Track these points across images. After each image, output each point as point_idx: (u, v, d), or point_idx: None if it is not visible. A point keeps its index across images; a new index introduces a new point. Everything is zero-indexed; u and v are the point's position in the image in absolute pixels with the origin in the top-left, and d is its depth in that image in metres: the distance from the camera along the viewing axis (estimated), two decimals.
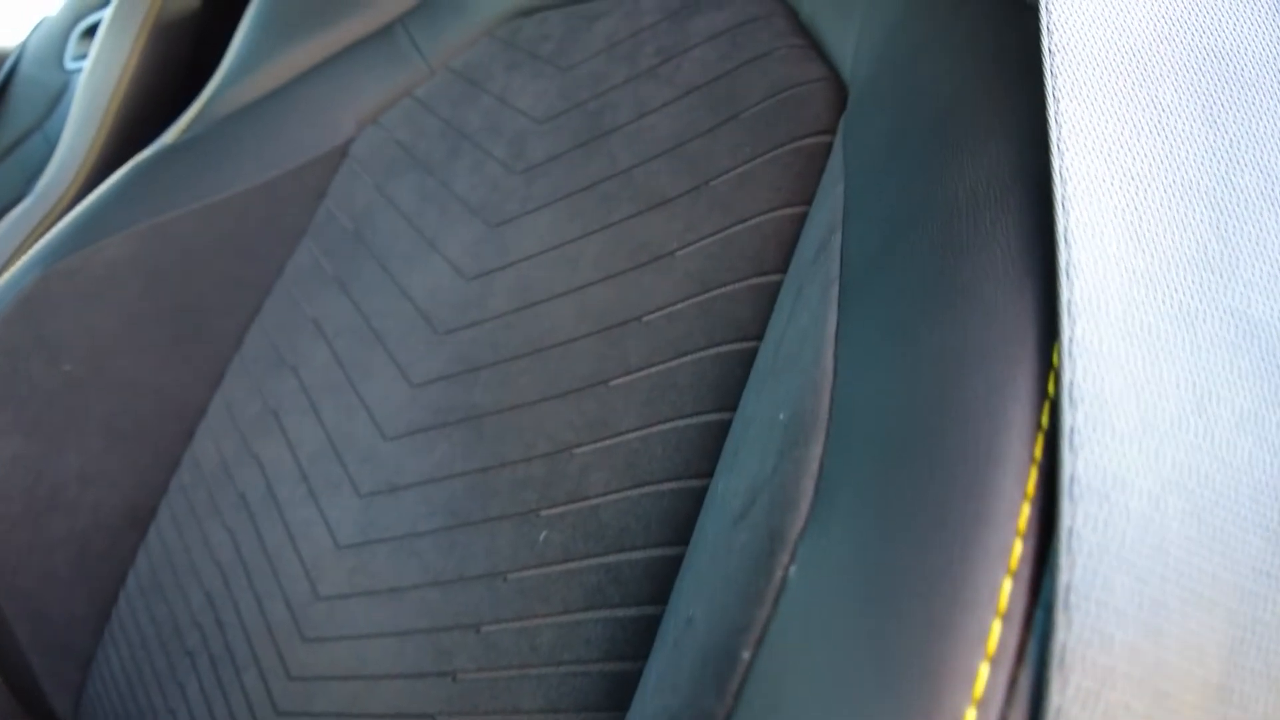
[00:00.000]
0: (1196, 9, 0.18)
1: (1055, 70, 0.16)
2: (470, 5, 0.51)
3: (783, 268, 0.31)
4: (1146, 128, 0.16)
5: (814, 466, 0.16)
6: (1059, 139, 0.15)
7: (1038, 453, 0.13)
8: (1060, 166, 0.15)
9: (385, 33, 0.54)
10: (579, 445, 0.32)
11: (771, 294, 0.31)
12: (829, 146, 0.32)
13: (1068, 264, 0.14)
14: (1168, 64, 0.17)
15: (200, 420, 0.50)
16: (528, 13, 0.49)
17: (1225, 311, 0.14)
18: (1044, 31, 0.17)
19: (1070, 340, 0.13)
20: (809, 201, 0.32)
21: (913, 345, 0.15)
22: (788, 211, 0.32)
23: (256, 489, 0.44)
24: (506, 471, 0.34)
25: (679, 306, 0.33)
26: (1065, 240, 0.14)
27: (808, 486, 0.16)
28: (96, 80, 0.72)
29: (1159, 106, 0.16)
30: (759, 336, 0.30)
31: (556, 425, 0.34)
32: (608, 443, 0.32)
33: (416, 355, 0.40)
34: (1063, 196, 0.14)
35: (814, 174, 0.32)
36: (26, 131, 0.99)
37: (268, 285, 0.51)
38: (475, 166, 0.44)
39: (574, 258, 0.37)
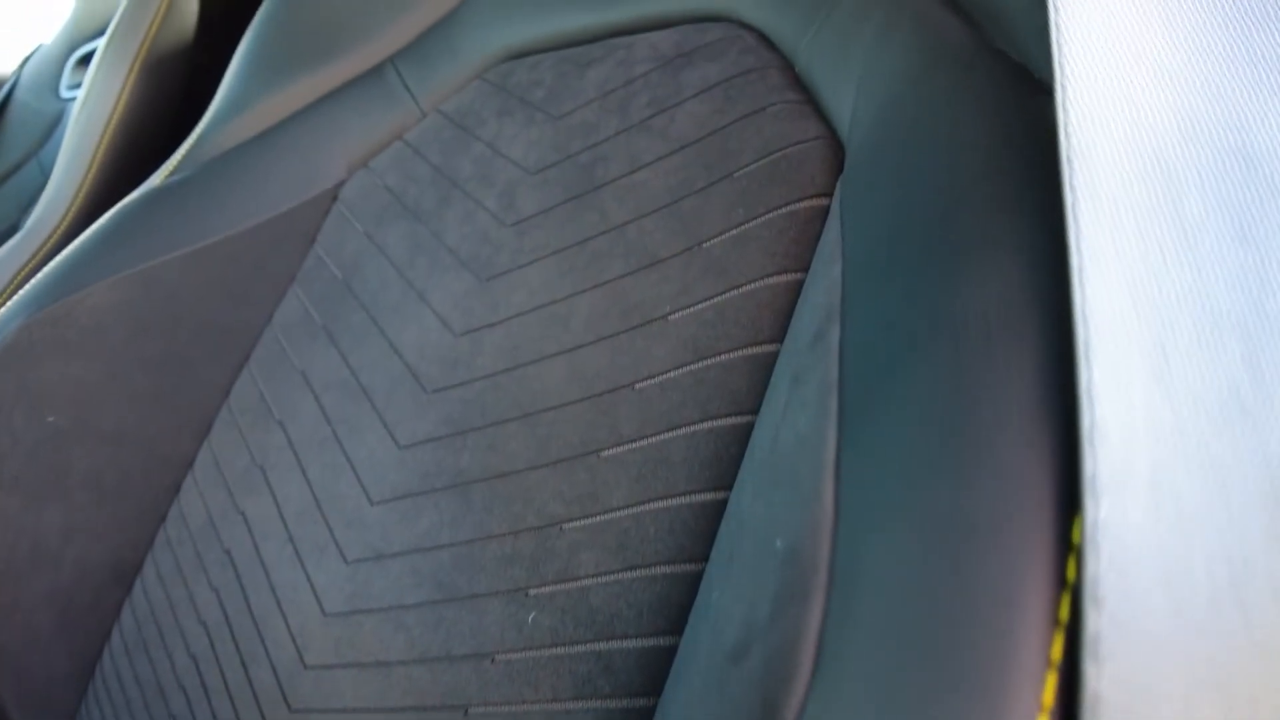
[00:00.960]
0: (1221, 106, 0.17)
1: (1074, 185, 0.15)
2: (462, 47, 0.50)
3: (778, 337, 0.30)
4: (1173, 248, 0.15)
5: (813, 632, 0.15)
6: (1080, 269, 0.14)
7: (1055, 654, 0.12)
8: (1082, 304, 0.14)
9: (376, 73, 0.53)
10: (569, 520, 0.31)
11: (767, 366, 0.30)
12: (825, 210, 0.31)
13: (1091, 429, 0.12)
14: (1193, 169, 0.16)
15: (187, 473, 0.49)
16: (519, 55, 0.49)
17: (1260, 463, 0.13)
18: (1062, 135, 0.16)
19: (1094, 524, 0.12)
20: (804, 268, 0.31)
21: (922, 503, 0.14)
22: (783, 279, 0.31)
23: (243, 547, 0.43)
24: (494, 545, 0.33)
25: (672, 375, 0.32)
26: (1089, 398, 0.13)
27: (806, 656, 0.15)
28: (88, 115, 0.71)
29: (1185, 222, 0.15)
30: (754, 410, 0.29)
31: (545, 497, 0.32)
32: (598, 519, 0.30)
33: (404, 414, 0.39)
34: (1085, 344, 0.13)
35: (809, 239, 0.31)
36: (21, 160, 0.99)
37: (256, 332, 0.50)
38: (466, 216, 0.43)
39: (565, 316, 0.36)
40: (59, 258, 0.51)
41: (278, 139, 0.53)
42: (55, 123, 0.97)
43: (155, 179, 0.54)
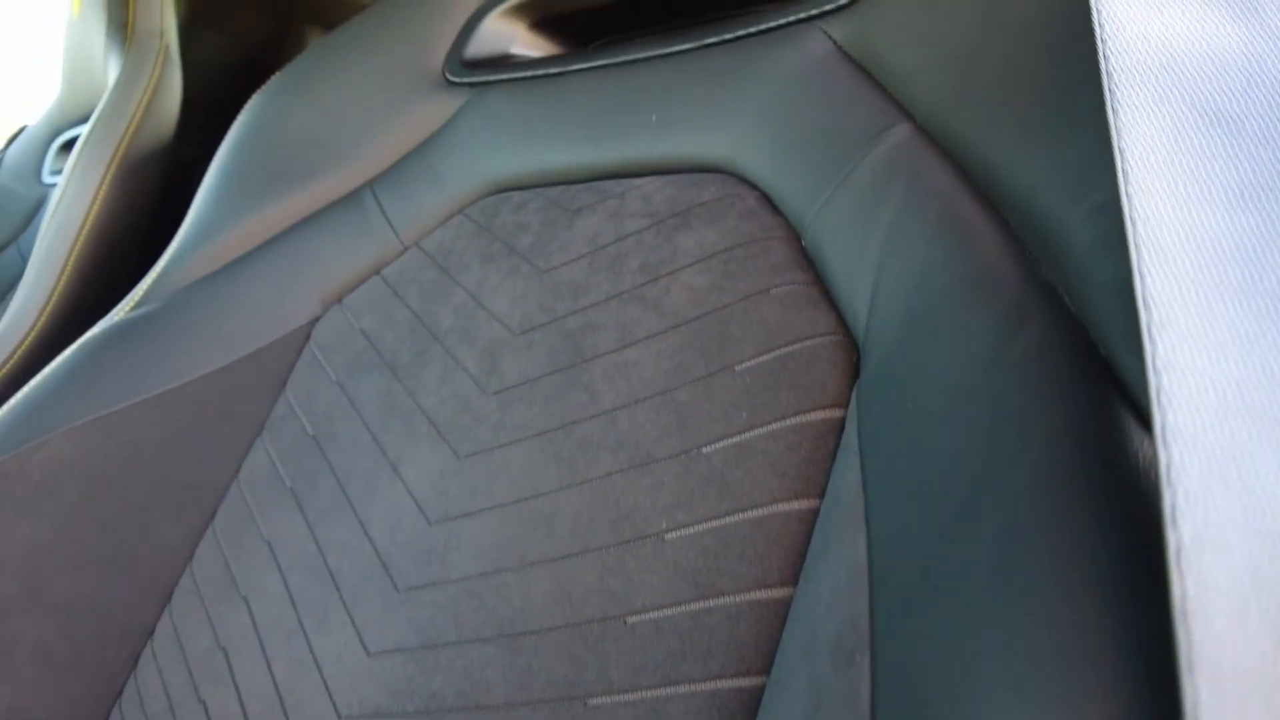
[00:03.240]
0: None
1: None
2: (444, 176, 0.47)
3: (790, 579, 0.26)
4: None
5: None
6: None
7: None
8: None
9: (354, 199, 0.50)
10: None
11: (778, 616, 0.26)
12: (839, 424, 0.28)
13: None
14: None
15: (146, 642, 0.45)
16: (503, 190, 0.45)
17: None
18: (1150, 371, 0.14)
19: None
20: (818, 494, 0.27)
21: None
22: (795, 507, 0.27)
23: None
24: None
25: (669, 613, 0.28)
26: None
27: None
28: (60, 219, 0.68)
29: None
30: (763, 671, 0.25)
31: None
32: None
33: (373, 613, 0.36)
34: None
35: (823, 459, 0.27)
36: (1, 246, 0.96)
37: (221, 488, 0.46)
38: (445, 376, 0.40)
39: (548, 516, 0.32)
40: (11, 402, 0.47)
41: (248, 270, 0.50)
42: (36, 208, 0.95)
43: (117, 312, 0.51)
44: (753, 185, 0.36)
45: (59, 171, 0.94)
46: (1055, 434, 0.18)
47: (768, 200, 0.35)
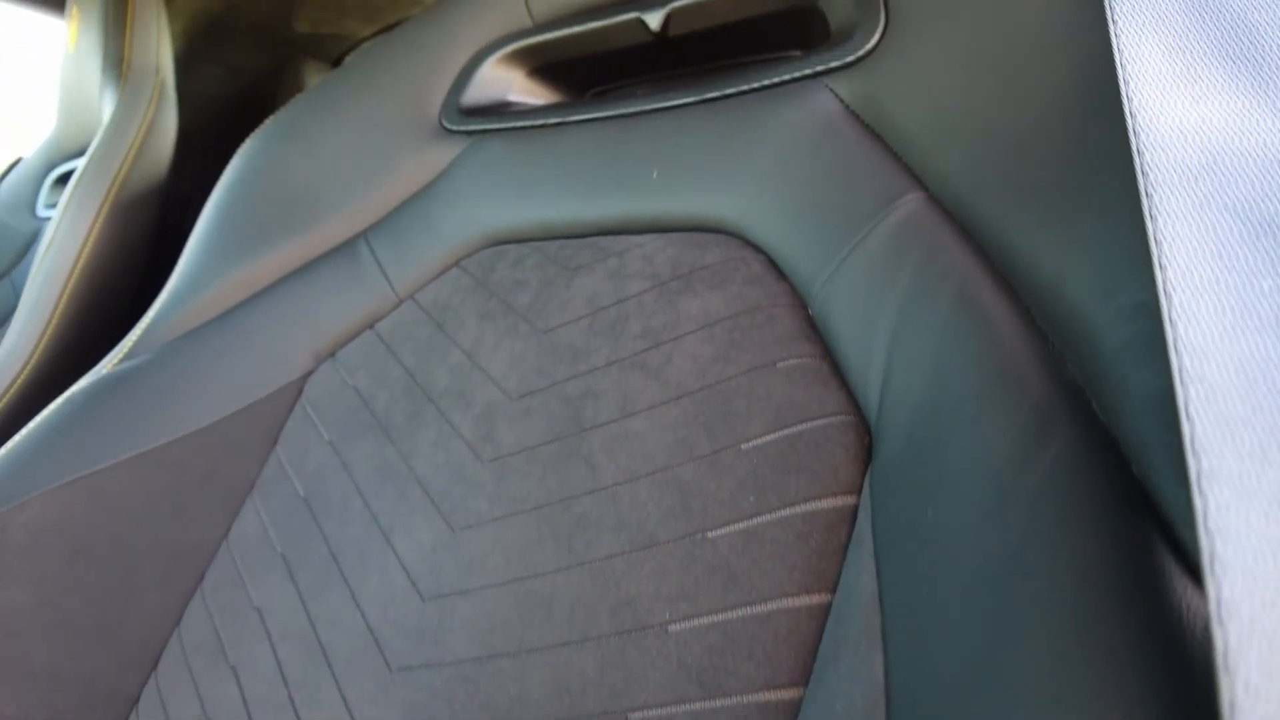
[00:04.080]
0: None
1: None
2: (440, 226, 0.46)
3: (800, 680, 0.25)
4: None
5: None
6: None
7: None
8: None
9: (348, 249, 0.49)
10: None
11: (788, 718, 0.24)
12: (852, 513, 0.27)
13: None
14: None
15: (130, 713, 0.43)
16: (500, 243, 0.44)
17: None
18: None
19: None
20: (830, 589, 0.26)
21: None
22: (805, 602, 0.26)
23: None
24: None
25: (671, 711, 0.26)
26: None
27: None
28: (52, 260, 0.67)
29: None
30: None
31: None
32: None
33: (366, 693, 0.34)
34: None
35: (835, 551, 0.26)
36: None
37: (210, 550, 0.45)
38: (439, 441, 0.38)
39: (546, 599, 0.31)
40: None
41: (239, 323, 0.48)
42: (30, 241, 0.94)
43: (106, 364, 0.50)
44: (757, 248, 0.35)
45: (54, 205, 0.93)
46: (1086, 570, 0.17)
47: (773, 265, 0.34)
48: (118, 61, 0.78)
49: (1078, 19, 0.26)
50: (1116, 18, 0.23)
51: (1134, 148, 0.19)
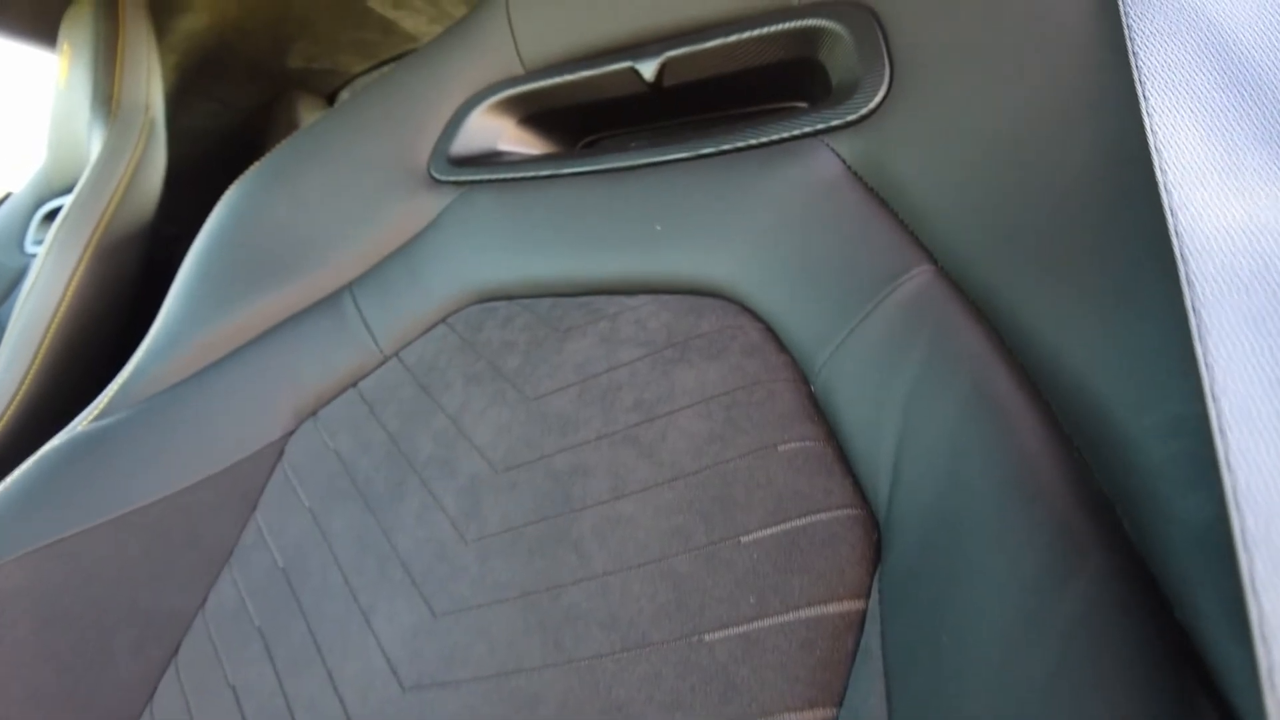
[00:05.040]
0: None
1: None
2: (427, 280, 0.44)
3: None
4: None
5: None
6: None
7: None
8: None
9: (333, 302, 0.47)
10: None
11: None
12: (860, 619, 0.25)
13: None
14: None
15: None
16: (488, 299, 0.43)
17: None
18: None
19: None
20: (835, 703, 0.24)
21: None
22: (808, 717, 0.24)
23: None
24: None
25: None
26: None
27: None
28: (33, 306, 0.65)
29: None
30: None
31: None
32: None
33: None
34: None
35: (841, 662, 0.24)
36: None
37: (186, 620, 0.43)
38: (422, 514, 0.37)
39: (533, 699, 0.29)
40: None
41: (220, 379, 0.47)
42: (18, 278, 0.92)
43: (82, 420, 0.48)
44: (756, 315, 0.33)
45: (42, 241, 0.92)
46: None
47: (772, 334, 0.32)
48: (106, 99, 0.77)
49: (1106, 88, 0.24)
50: (1148, 94, 0.21)
51: (1176, 252, 0.17)
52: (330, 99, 0.97)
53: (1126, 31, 0.24)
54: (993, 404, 0.23)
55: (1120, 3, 0.25)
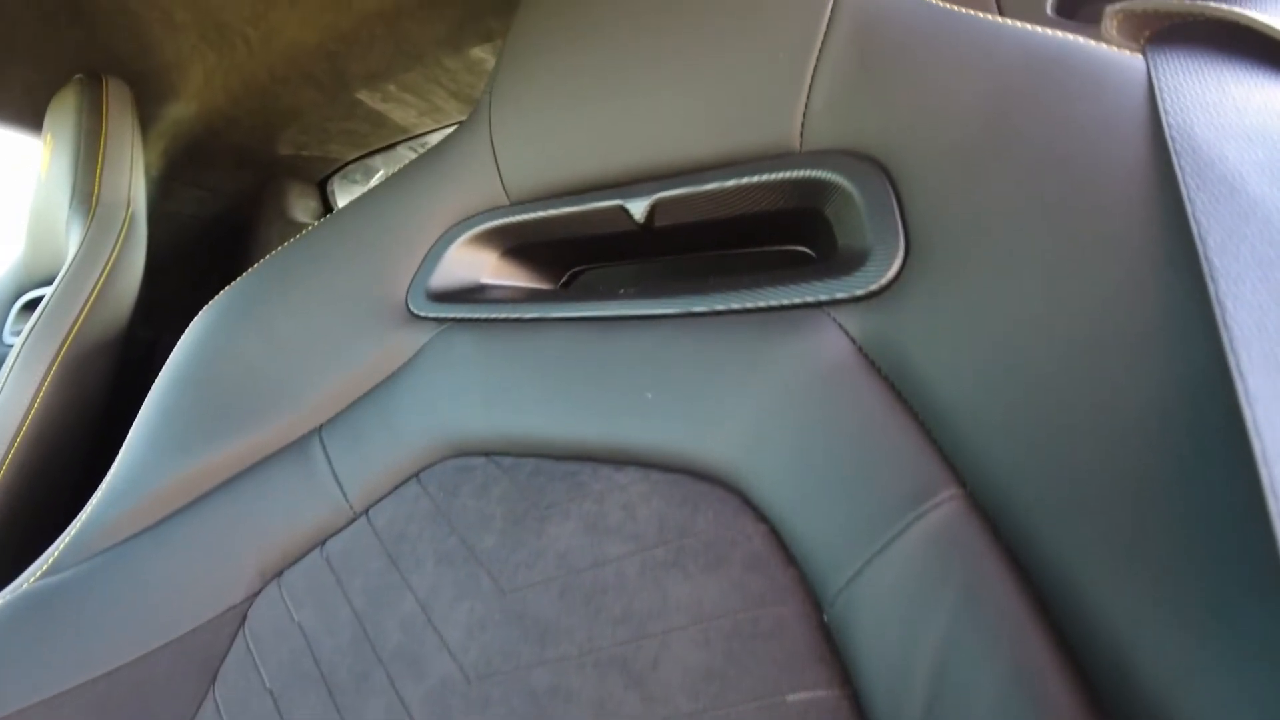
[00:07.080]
0: None
1: None
2: (400, 428, 0.41)
3: None
4: None
5: None
6: None
7: None
8: None
9: (300, 448, 0.44)
10: None
11: None
12: None
13: None
14: None
15: None
16: (464, 454, 0.39)
17: None
18: None
19: None
20: None
21: None
22: None
23: None
24: None
25: None
26: None
27: None
28: None
29: None
30: None
31: None
32: None
33: None
34: None
35: None
36: None
37: None
38: (387, 710, 0.33)
39: None
40: None
41: (178, 532, 0.43)
42: None
43: (27, 577, 0.44)
44: (757, 513, 0.29)
45: (20, 332, 0.89)
46: None
47: (776, 538, 0.28)
48: (86, 196, 0.74)
49: (1172, 306, 0.21)
50: (1227, 319, 0.18)
51: (1271, 513, 0.14)
52: (321, 186, 0.95)
53: (1194, 227, 0.21)
54: (1034, 687, 0.19)
55: (1184, 190, 0.22)
